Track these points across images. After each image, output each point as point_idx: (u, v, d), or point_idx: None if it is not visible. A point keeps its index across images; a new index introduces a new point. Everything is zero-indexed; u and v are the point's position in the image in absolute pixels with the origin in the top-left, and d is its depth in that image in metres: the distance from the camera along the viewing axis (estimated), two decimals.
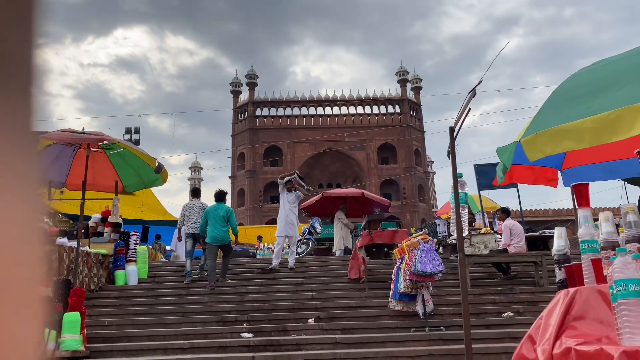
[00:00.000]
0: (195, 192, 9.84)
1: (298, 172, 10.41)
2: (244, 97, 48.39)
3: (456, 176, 2.75)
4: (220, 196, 9.03)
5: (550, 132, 3.11)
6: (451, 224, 8.56)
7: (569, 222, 19.56)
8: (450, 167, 2.94)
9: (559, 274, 2.58)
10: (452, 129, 2.69)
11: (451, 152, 2.75)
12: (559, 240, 2.64)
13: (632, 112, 2.89)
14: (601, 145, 4.45)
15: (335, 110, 46.81)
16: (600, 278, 2.25)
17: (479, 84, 2.58)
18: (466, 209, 2.91)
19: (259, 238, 19.38)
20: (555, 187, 4.33)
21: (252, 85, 47.84)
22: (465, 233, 7.84)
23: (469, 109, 2.69)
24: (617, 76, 3.39)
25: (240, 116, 47.63)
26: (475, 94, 2.53)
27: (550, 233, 12.05)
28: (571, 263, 2.55)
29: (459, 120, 2.62)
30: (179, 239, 11.36)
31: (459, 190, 2.82)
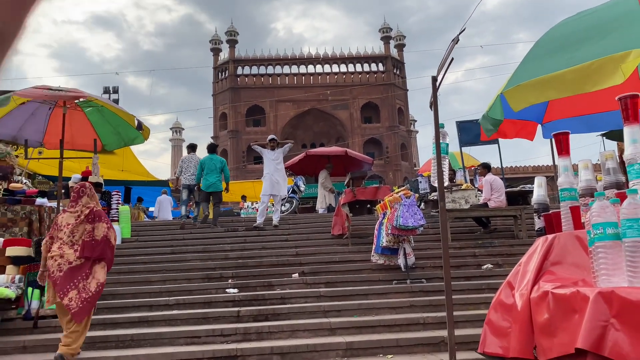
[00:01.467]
0: (193, 147, 10.57)
1: (274, 135, 10.34)
2: (224, 55, 47.41)
3: (438, 125, 2.74)
4: (212, 148, 10.01)
5: (533, 83, 3.11)
6: (432, 180, 8.62)
7: (548, 178, 19.86)
8: (433, 121, 2.94)
9: (538, 223, 2.62)
10: (434, 78, 2.66)
11: (434, 102, 2.73)
12: (539, 189, 2.68)
13: (614, 61, 2.89)
14: (582, 98, 4.49)
15: (319, 68, 46.21)
16: (578, 225, 2.29)
17: (462, 31, 2.54)
18: (447, 160, 2.91)
19: (243, 197, 19.37)
20: (532, 140, 4.37)
21: (232, 43, 46.80)
22: (447, 183, 7.94)
23: (452, 58, 2.65)
24: (599, 26, 3.38)
25: (221, 75, 46.78)
26: (458, 40, 2.50)
27: (529, 188, 12.26)
28: (550, 212, 2.59)
29: (441, 69, 2.59)
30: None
31: (441, 141, 2.83)
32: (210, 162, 9.53)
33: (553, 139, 2.52)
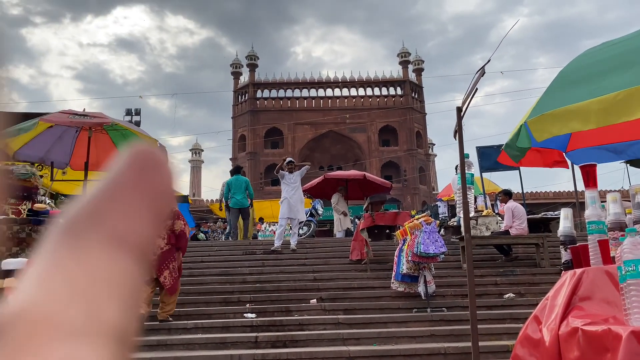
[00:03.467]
0: (237, 170, 12.15)
1: (291, 158, 10.44)
2: (244, 78, 48.11)
3: (463, 156, 2.73)
4: (237, 170, 11.91)
5: (557, 113, 3.09)
6: (456, 206, 8.54)
7: (570, 204, 19.56)
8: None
9: (565, 255, 2.58)
10: (459, 109, 2.66)
11: (458, 132, 2.73)
12: (565, 221, 2.64)
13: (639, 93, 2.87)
14: (606, 127, 4.45)
15: (337, 92, 46.56)
16: (607, 259, 2.25)
17: (487, 62, 2.55)
18: (472, 190, 2.90)
19: (261, 220, 19.42)
20: (567, 168, 4.29)
21: (252, 67, 47.52)
22: (472, 214, 7.87)
23: (476, 89, 2.66)
24: (624, 57, 3.36)
25: (241, 98, 47.41)
26: (484, 72, 2.50)
27: (551, 215, 12.07)
28: (577, 244, 2.55)
29: (466, 99, 2.60)
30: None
31: (466, 171, 2.81)
32: (237, 182, 11.17)
33: (580, 169, 2.49)
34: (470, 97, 2.60)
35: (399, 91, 46.45)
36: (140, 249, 0.25)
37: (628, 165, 13.06)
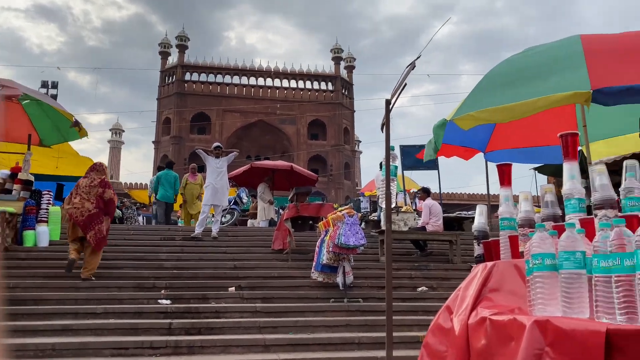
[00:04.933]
0: (169, 165, 13.28)
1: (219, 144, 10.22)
2: (173, 59, 46.50)
3: (389, 148, 2.79)
4: (169, 165, 13.05)
5: (482, 112, 3.25)
6: (379, 201, 8.73)
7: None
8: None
9: (478, 249, 2.70)
10: (388, 101, 2.71)
11: (386, 125, 2.78)
12: (480, 217, 2.76)
13: (556, 101, 3.07)
14: (523, 132, 4.74)
15: (269, 82, 46.16)
16: (516, 254, 2.37)
17: (417, 57, 2.61)
18: (395, 182, 2.98)
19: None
20: (467, 160, 4.63)
21: (182, 48, 46.01)
22: (393, 206, 8.09)
23: (406, 84, 2.72)
24: (544, 66, 3.58)
25: (168, 79, 45.79)
26: (414, 67, 2.56)
27: (465, 215, 12.70)
28: (489, 239, 2.67)
29: (395, 93, 2.65)
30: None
31: (391, 163, 2.87)
32: (167, 176, 12.14)
33: (496, 168, 2.61)
34: (400, 90, 2.65)
35: (330, 86, 46.87)
36: None
37: (536, 172, 14.02)
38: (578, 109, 4.39)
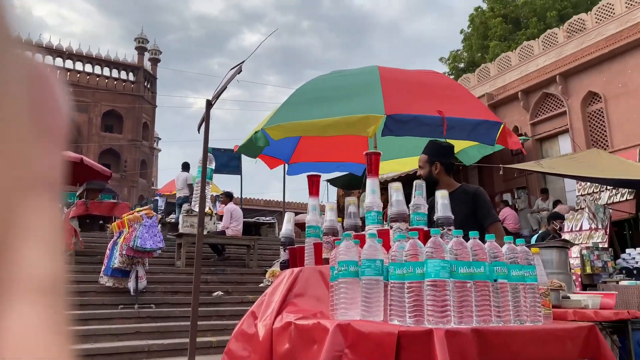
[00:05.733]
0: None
1: None
2: None
3: (207, 149, 2.70)
4: None
5: (292, 124, 3.41)
6: (192, 204, 8.45)
7: (277, 212, 21.59)
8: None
9: (284, 255, 2.78)
10: (209, 102, 2.63)
11: (205, 124, 2.70)
12: (288, 224, 2.85)
13: (357, 120, 3.38)
14: (322, 149, 5.11)
15: (59, 61, 41.31)
16: (319, 260, 2.51)
17: (244, 61, 2.59)
18: (210, 185, 2.90)
19: None
20: (271, 169, 4.87)
21: None
22: (189, 209, 7.88)
23: (226, 87, 2.68)
24: (349, 89, 3.93)
25: None
26: (241, 70, 2.54)
27: (263, 220, 13.08)
28: (295, 245, 2.78)
29: (219, 94, 2.59)
30: None
31: (207, 166, 2.80)
32: None
33: (307, 178, 2.73)
34: (222, 91, 2.60)
35: (131, 77, 43.99)
36: (53, 182, 0.22)
37: (329, 184, 15.21)
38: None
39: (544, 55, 13.27)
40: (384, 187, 3.20)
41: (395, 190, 2.25)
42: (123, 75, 43.79)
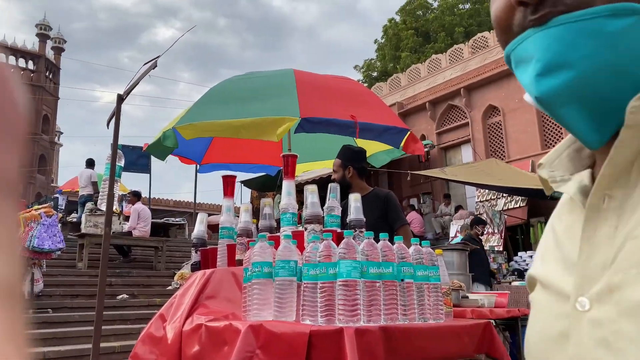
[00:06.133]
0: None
1: None
2: None
3: (116, 146, 2.58)
4: None
5: (205, 124, 3.36)
6: (98, 203, 8.00)
7: (187, 214, 21.06)
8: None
9: (195, 257, 2.72)
10: (120, 96, 2.52)
11: (115, 119, 2.58)
12: (200, 225, 2.80)
13: (272, 122, 3.40)
14: (234, 151, 5.08)
15: None
16: (232, 262, 2.49)
17: (159, 56, 2.51)
18: (119, 183, 2.77)
19: None
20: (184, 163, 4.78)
21: None
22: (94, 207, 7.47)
23: (138, 82, 2.58)
24: (265, 90, 3.94)
25: None
26: (156, 66, 2.45)
27: (172, 221, 12.68)
28: (207, 247, 2.74)
29: (131, 88, 2.48)
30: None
31: (116, 163, 2.67)
32: None
33: (222, 179, 2.70)
34: (134, 86, 2.51)
35: (31, 65, 40.88)
36: (8, 182, 0.21)
37: (243, 185, 15.10)
38: (286, 136, 4.94)
39: (451, 69, 14.08)
40: (299, 189, 3.25)
41: (311, 193, 2.29)
42: (22, 63, 40.59)
